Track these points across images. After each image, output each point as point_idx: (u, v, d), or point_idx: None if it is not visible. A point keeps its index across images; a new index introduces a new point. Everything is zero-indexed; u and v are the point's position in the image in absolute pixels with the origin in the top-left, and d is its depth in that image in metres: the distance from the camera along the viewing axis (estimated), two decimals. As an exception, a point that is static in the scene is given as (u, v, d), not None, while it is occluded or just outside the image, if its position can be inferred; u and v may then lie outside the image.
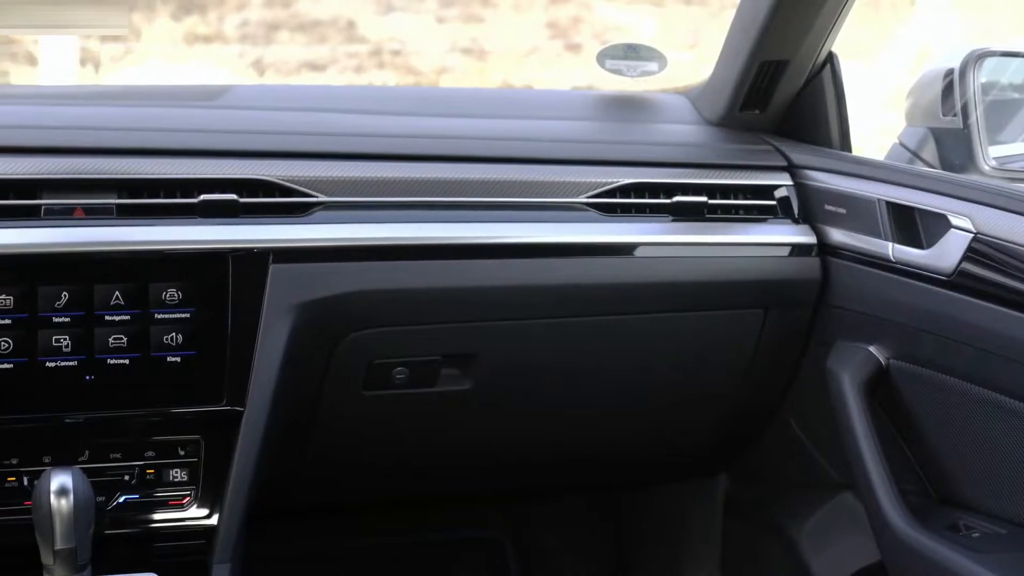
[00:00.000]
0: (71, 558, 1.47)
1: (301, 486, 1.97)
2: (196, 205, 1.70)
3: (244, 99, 2.00)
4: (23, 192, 1.67)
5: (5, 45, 9.23)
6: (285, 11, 9.56)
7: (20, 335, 1.62)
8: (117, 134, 1.78)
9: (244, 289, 1.69)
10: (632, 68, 2.09)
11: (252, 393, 1.70)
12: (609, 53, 2.10)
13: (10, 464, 1.68)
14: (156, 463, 1.73)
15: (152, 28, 9.38)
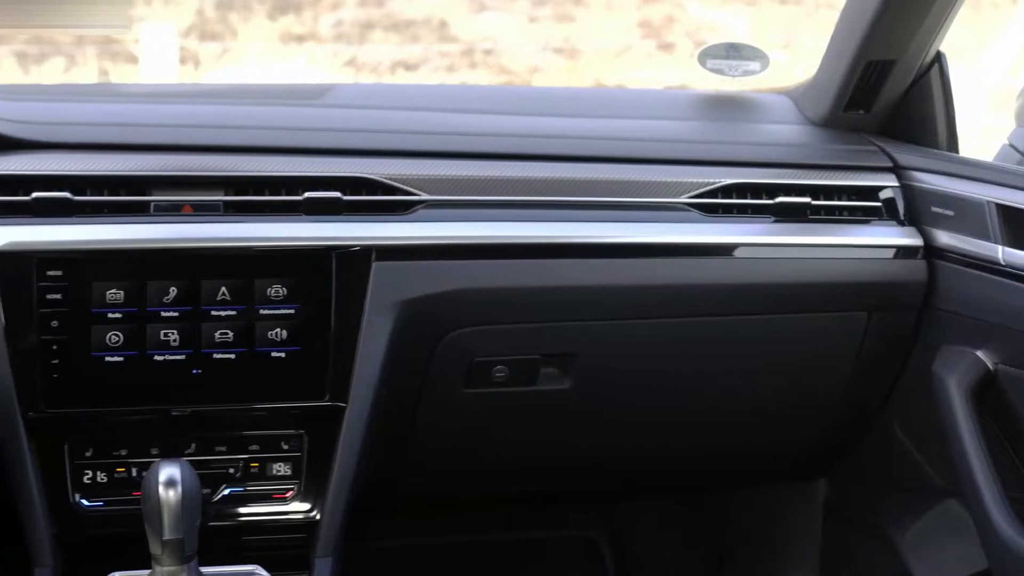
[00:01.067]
0: (179, 549, 1.50)
1: (400, 482, 1.98)
2: (301, 203, 1.72)
3: (348, 97, 2.02)
4: (133, 189, 1.70)
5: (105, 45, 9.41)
6: (379, 11, 9.62)
7: (130, 329, 1.65)
8: (224, 132, 1.81)
9: (347, 286, 1.70)
10: (734, 68, 2.08)
11: (354, 389, 1.72)
12: (710, 52, 2.08)
13: (120, 455, 1.72)
14: (260, 457, 1.75)
15: (248, 27, 9.49)
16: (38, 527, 1.68)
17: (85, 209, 1.67)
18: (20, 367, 1.63)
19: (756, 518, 2.44)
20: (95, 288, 1.64)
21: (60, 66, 9.03)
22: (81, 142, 1.74)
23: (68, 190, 1.67)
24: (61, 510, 1.70)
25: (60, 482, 1.70)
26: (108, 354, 1.65)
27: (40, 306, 1.63)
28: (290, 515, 1.76)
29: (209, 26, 9.75)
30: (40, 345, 1.64)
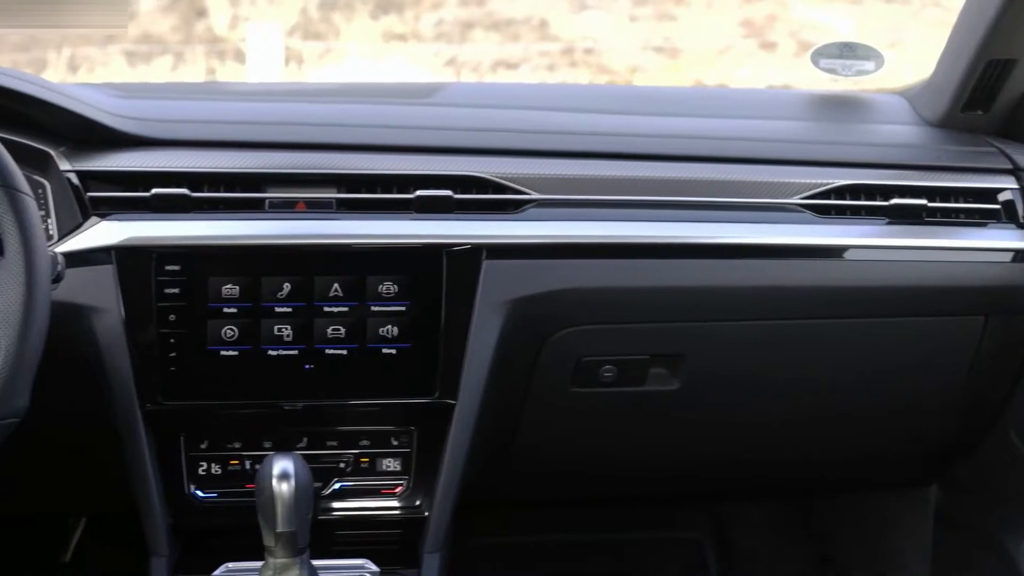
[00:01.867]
0: (291, 541, 1.51)
1: (506, 480, 1.99)
2: (412, 200, 1.73)
3: (459, 96, 2.03)
4: (249, 185, 1.73)
5: (212, 44, 9.56)
6: (480, 10, 9.66)
7: (245, 324, 1.68)
8: (337, 130, 1.82)
9: (457, 284, 1.71)
10: (847, 67, 2.05)
11: (464, 386, 1.73)
12: (824, 52, 2.05)
13: (233, 448, 1.75)
14: (370, 452, 1.77)
15: (351, 27, 9.60)
16: (155, 517, 1.71)
17: (202, 205, 1.70)
18: (139, 360, 1.67)
19: (864, 524, 2.40)
20: (211, 283, 1.67)
21: (167, 64, 9.21)
22: (198, 139, 1.77)
23: (186, 186, 1.70)
24: (177, 501, 1.74)
25: (176, 473, 1.74)
26: (223, 348, 1.68)
27: (158, 300, 1.66)
28: (399, 510, 1.77)
29: (312, 26, 9.87)
30: (158, 339, 1.67)
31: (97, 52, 9.15)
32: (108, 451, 1.71)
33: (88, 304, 1.65)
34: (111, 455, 1.71)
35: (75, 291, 1.60)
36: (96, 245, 1.65)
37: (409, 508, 1.77)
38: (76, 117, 1.70)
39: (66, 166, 1.69)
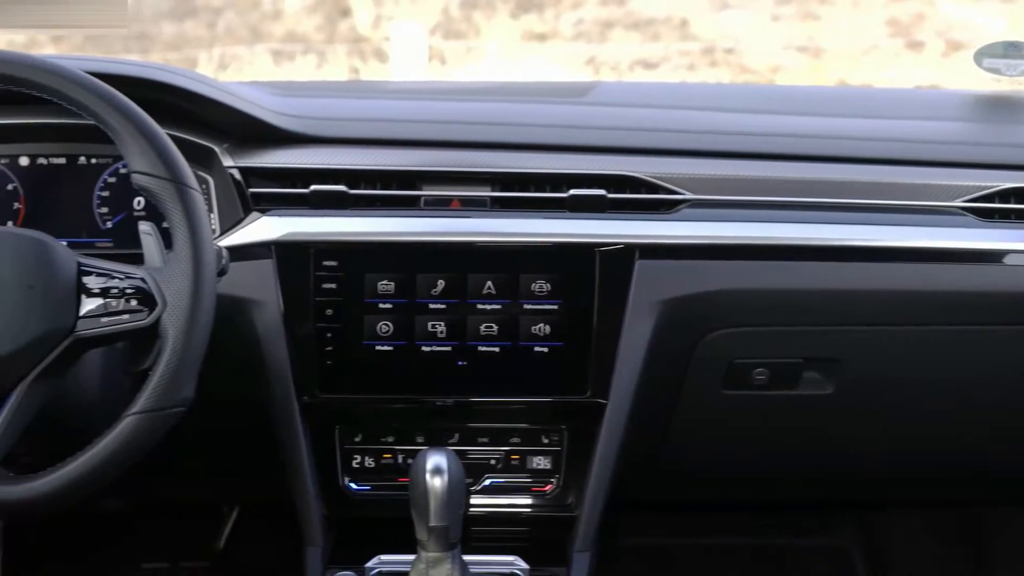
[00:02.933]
0: (444, 535, 1.52)
1: (654, 480, 1.98)
2: (566, 200, 1.73)
3: (611, 95, 2.03)
4: (405, 183, 1.75)
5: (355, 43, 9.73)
6: (619, 9, 9.65)
7: (400, 319, 1.70)
8: (491, 128, 1.84)
9: (610, 283, 1.71)
10: (1012, 67, 1.99)
11: (615, 386, 1.72)
12: (987, 51, 2.00)
13: (386, 442, 1.77)
14: (521, 449, 1.78)
15: (491, 26, 9.66)
16: (310, 508, 1.74)
17: (359, 202, 1.73)
18: (297, 353, 1.70)
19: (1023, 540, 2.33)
20: (368, 279, 1.70)
21: (312, 63, 9.39)
22: (356, 137, 1.80)
23: (344, 183, 1.73)
24: (331, 492, 1.76)
25: (331, 466, 1.77)
26: (379, 343, 1.70)
27: (316, 295, 1.69)
28: (549, 509, 1.78)
29: (453, 25, 9.97)
30: (315, 333, 1.70)
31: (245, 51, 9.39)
32: (265, 442, 1.75)
33: (249, 297, 1.69)
34: (268, 446, 1.75)
35: (237, 285, 1.64)
36: (257, 240, 1.69)
37: (559, 506, 1.77)
38: (240, 115, 1.74)
39: (229, 162, 1.73)
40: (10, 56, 1.42)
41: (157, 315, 1.39)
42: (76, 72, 1.42)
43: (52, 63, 1.42)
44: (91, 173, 1.78)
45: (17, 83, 1.41)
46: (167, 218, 1.42)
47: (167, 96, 1.69)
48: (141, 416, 1.37)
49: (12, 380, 1.38)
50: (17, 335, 1.37)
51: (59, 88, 1.41)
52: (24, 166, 1.78)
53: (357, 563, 1.71)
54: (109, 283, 1.40)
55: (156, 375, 1.38)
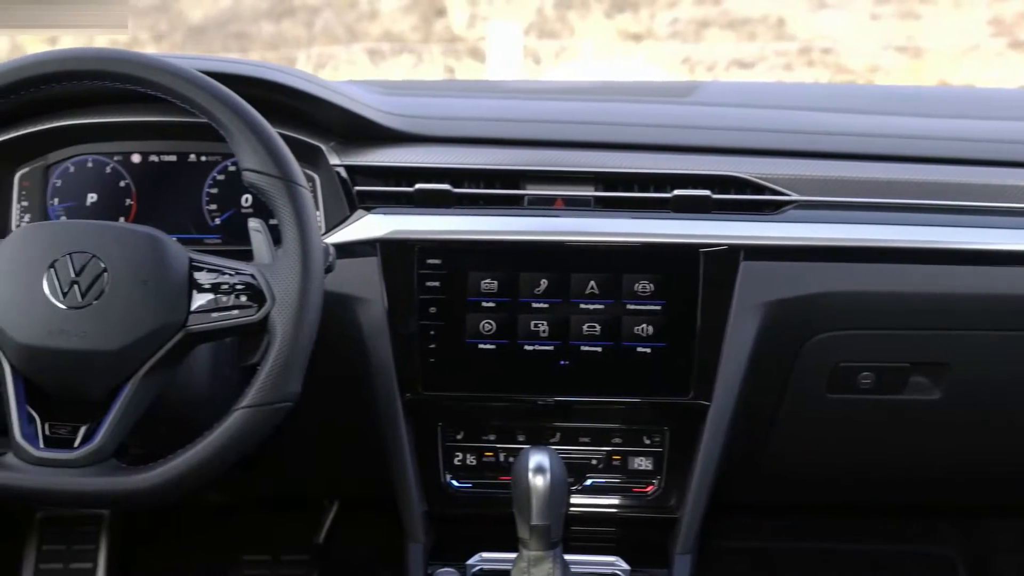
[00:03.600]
0: (545, 534, 1.52)
1: (755, 484, 1.96)
2: (669, 200, 1.72)
3: (716, 95, 2.02)
4: (508, 182, 1.75)
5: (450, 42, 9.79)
6: (715, 8, 9.59)
7: (503, 318, 1.70)
8: (595, 128, 1.83)
9: (714, 285, 1.70)
10: None
11: (718, 388, 1.71)
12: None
13: (488, 440, 1.78)
14: (622, 450, 1.78)
15: (585, 25, 9.66)
16: (412, 504, 1.76)
17: (463, 201, 1.74)
18: (400, 351, 1.71)
19: None
20: (471, 277, 1.70)
21: (408, 62, 9.46)
22: (460, 136, 1.81)
23: (448, 182, 1.73)
24: (433, 489, 1.78)
25: (433, 463, 1.78)
26: (481, 341, 1.71)
27: (420, 293, 1.70)
28: (650, 510, 1.77)
29: (548, 24, 9.98)
30: (419, 330, 1.71)
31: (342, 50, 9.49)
32: (368, 438, 1.77)
33: (354, 295, 1.70)
34: (371, 442, 1.77)
35: (342, 282, 1.65)
36: (362, 237, 1.71)
37: (660, 508, 1.77)
38: (348, 113, 1.75)
39: (335, 160, 1.74)
40: (129, 56, 1.45)
41: (266, 311, 1.40)
42: (192, 72, 1.44)
43: (169, 63, 1.44)
44: (201, 170, 1.81)
45: (134, 82, 1.44)
46: (276, 215, 1.43)
47: (277, 95, 1.71)
48: (250, 410, 1.39)
49: (126, 373, 1.41)
50: (131, 329, 1.40)
51: (174, 87, 1.43)
52: (136, 163, 1.81)
53: (458, 560, 1.72)
54: (219, 279, 1.43)
55: (264, 370, 1.39)
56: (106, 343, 1.39)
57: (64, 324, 1.40)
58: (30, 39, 9.33)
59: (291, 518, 2.43)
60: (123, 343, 1.40)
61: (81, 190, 1.81)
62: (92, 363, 1.40)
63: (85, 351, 1.39)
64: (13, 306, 1.41)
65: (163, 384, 1.45)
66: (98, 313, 1.40)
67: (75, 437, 1.42)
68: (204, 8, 10.61)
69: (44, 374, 1.42)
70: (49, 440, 1.42)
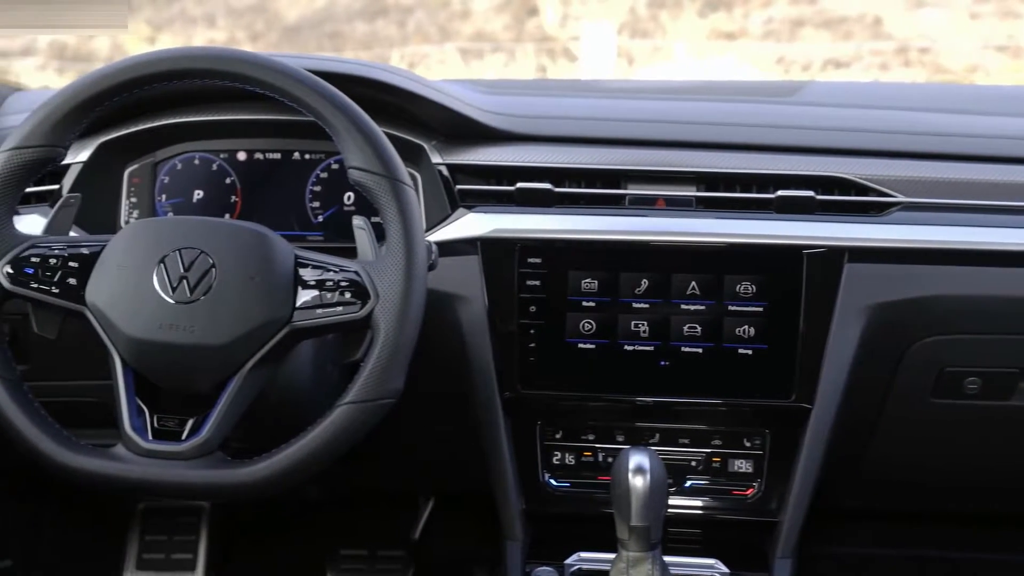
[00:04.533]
0: (645, 535, 1.52)
1: (855, 488, 1.93)
2: (772, 200, 1.71)
3: (819, 95, 2.00)
4: (609, 182, 1.75)
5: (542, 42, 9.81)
6: (810, 7, 9.50)
7: (603, 318, 1.70)
8: (697, 128, 1.82)
9: (817, 286, 1.68)
10: None
11: (821, 391, 1.69)
12: None
13: (587, 440, 1.77)
14: (722, 452, 1.76)
15: (678, 25, 9.62)
16: (510, 503, 1.76)
17: (564, 200, 1.74)
18: (500, 349, 1.72)
19: None
20: (571, 276, 1.70)
21: (500, 61, 9.49)
22: (561, 135, 1.80)
23: (549, 181, 1.73)
24: (531, 488, 1.78)
25: (531, 461, 1.78)
26: (581, 341, 1.71)
27: (520, 291, 1.71)
28: (750, 513, 1.76)
29: (641, 24, 9.96)
30: (519, 329, 1.71)
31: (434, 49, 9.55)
32: (466, 436, 1.77)
33: (455, 293, 1.71)
34: (469, 440, 1.77)
35: (443, 280, 1.66)
36: (463, 236, 1.71)
37: (760, 511, 1.75)
38: (450, 112, 1.76)
39: (437, 159, 1.75)
40: (239, 55, 1.47)
41: (370, 308, 1.41)
42: (301, 71, 1.46)
43: (279, 62, 1.46)
44: (305, 168, 1.83)
45: (244, 81, 1.46)
46: (381, 213, 1.44)
47: (382, 94, 1.72)
48: (353, 406, 1.40)
49: (232, 368, 1.42)
50: (238, 325, 1.41)
51: (283, 86, 1.45)
52: (242, 161, 1.84)
53: (556, 559, 1.72)
54: (324, 275, 1.44)
55: (368, 366, 1.40)
56: (213, 338, 1.41)
57: (173, 318, 1.42)
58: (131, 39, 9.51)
59: (387, 514, 2.45)
60: (230, 338, 1.41)
61: (188, 187, 1.84)
62: (199, 357, 1.42)
63: (192, 345, 1.42)
64: (124, 300, 1.43)
65: (267, 379, 1.47)
66: (206, 308, 1.42)
67: (182, 430, 1.44)
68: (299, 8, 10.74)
69: (153, 367, 1.44)
70: (157, 432, 1.44)
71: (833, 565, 2.25)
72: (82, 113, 1.48)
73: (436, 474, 2.07)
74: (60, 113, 1.47)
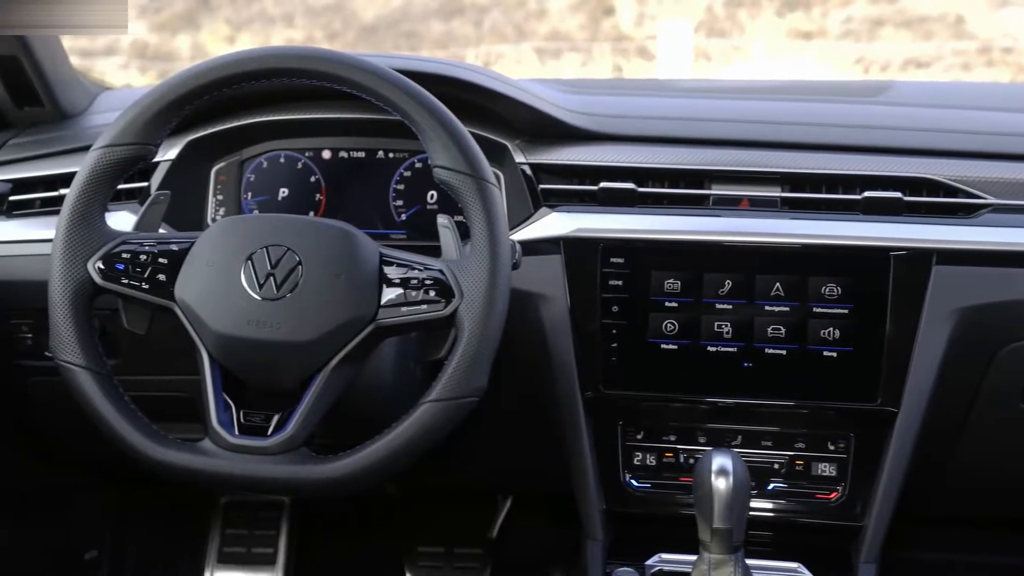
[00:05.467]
0: (727, 538, 1.50)
1: (941, 493, 1.90)
2: (859, 202, 1.69)
3: (905, 95, 1.98)
4: (693, 182, 1.74)
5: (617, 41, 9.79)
6: (891, 7, 9.39)
7: (686, 318, 1.69)
8: (782, 128, 1.81)
9: (904, 289, 1.66)
10: None
11: (907, 395, 1.67)
12: None
13: (668, 440, 1.76)
14: (805, 455, 1.74)
15: (756, 24, 9.55)
16: (591, 503, 1.75)
17: (646, 200, 1.73)
18: (582, 349, 1.71)
19: None
20: (654, 277, 1.69)
21: (576, 61, 9.49)
22: (644, 135, 1.80)
23: (632, 181, 1.73)
24: (612, 488, 1.77)
25: (612, 462, 1.77)
26: (663, 341, 1.70)
27: (602, 291, 1.70)
28: (834, 517, 1.74)
29: (718, 23, 9.90)
30: (601, 329, 1.71)
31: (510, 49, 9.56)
32: (547, 435, 1.77)
33: (537, 292, 1.71)
34: (549, 439, 1.77)
35: (526, 279, 1.65)
36: (546, 235, 1.71)
37: (844, 515, 1.73)
38: (534, 112, 1.76)
39: (520, 158, 1.76)
40: (327, 54, 1.48)
41: (454, 306, 1.41)
42: (388, 70, 1.46)
43: (366, 61, 1.46)
44: (389, 167, 1.84)
45: (331, 80, 1.47)
46: (466, 212, 1.45)
47: (468, 93, 1.73)
48: (437, 404, 1.41)
49: (317, 365, 1.44)
50: (323, 322, 1.43)
51: (371, 85, 1.45)
52: (326, 159, 1.85)
53: (637, 559, 1.71)
54: (409, 274, 1.44)
55: (452, 364, 1.41)
56: (299, 335, 1.43)
57: (259, 315, 1.43)
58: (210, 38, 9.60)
59: (464, 512, 2.45)
60: (315, 335, 1.43)
61: (273, 185, 1.86)
62: (285, 354, 1.43)
63: (278, 342, 1.43)
64: (212, 297, 1.45)
65: (351, 376, 1.48)
66: (292, 305, 1.43)
67: (268, 425, 1.45)
68: (376, 7, 10.81)
69: (239, 363, 1.46)
70: (243, 427, 1.46)
71: (917, 570, 2.22)
72: (173, 111, 1.50)
73: (515, 473, 2.07)
74: (151, 112, 1.49)
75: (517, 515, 2.43)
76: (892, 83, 2.03)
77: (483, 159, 1.46)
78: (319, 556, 2.47)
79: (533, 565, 2.37)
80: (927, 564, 2.22)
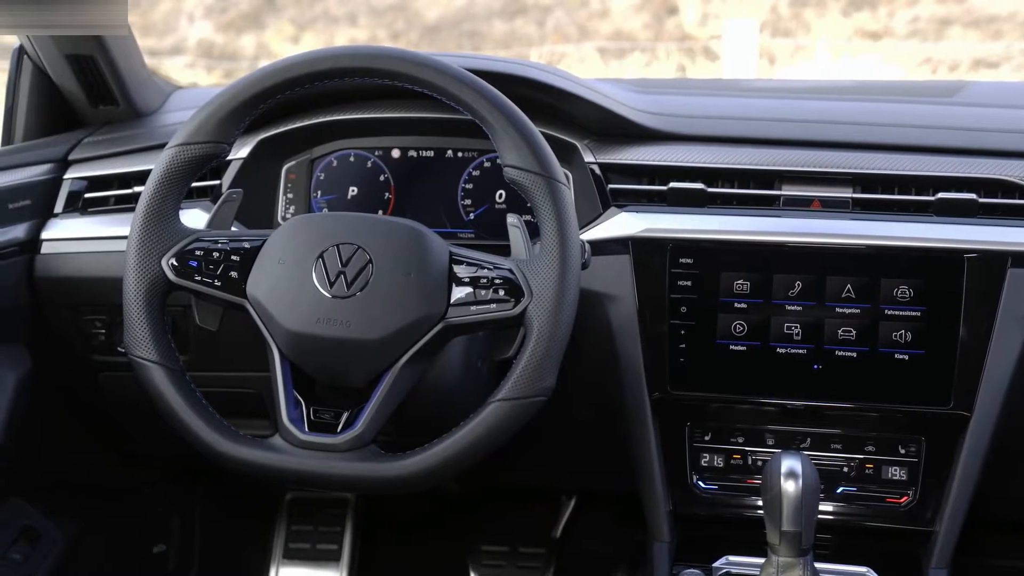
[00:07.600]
0: (796, 541, 1.49)
1: (1013, 499, 1.88)
2: (932, 203, 1.67)
3: (980, 96, 1.95)
4: (763, 182, 1.73)
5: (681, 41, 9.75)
6: (958, 6, 9.27)
7: (755, 319, 1.68)
8: (853, 128, 1.79)
9: (978, 292, 1.63)
10: None
11: (981, 399, 1.65)
12: None
13: (736, 442, 1.76)
14: (875, 459, 1.73)
15: (821, 23, 9.47)
16: (658, 504, 1.75)
17: (716, 200, 1.72)
18: (649, 349, 1.71)
19: None
20: (723, 278, 1.68)
21: (640, 61, 9.46)
22: (713, 135, 1.79)
23: (702, 181, 1.72)
24: (679, 489, 1.77)
25: (680, 463, 1.77)
26: (732, 342, 1.69)
27: (671, 292, 1.69)
28: (904, 522, 1.72)
29: (783, 23, 9.83)
30: (669, 329, 1.70)
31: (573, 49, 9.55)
32: (613, 436, 1.77)
33: (605, 292, 1.70)
34: (616, 440, 1.77)
35: (594, 279, 1.66)
36: (615, 235, 1.71)
37: (915, 520, 1.71)
38: (604, 111, 1.76)
39: (590, 158, 1.75)
40: (399, 53, 1.48)
41: (524, 305, 1.41)
42: (459, 69, 1.47)
43: (437, 60, 1.47)
44: (457, 166, 1.85)
45: (403, 79, 1.47)
46: (535, 211, 1.44)
47: (538, 93, 1.73)
48: (506, 403, 1.41)
49: (386, 363, 1.44)
50: (393, 320, 1.43)
51: (442, 84, 1.46)
52: (395, 158, 1.86)
53: (703, 561, 1.71)
54: (478, 273, 1.44)
55: (521, 364, 1.41)
56: (369, 332, 1.43)
57: (330, 313, 1.44)
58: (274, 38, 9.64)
59: (528, 511, 2.45)
60: (385, 333, 1.43)
61: (342, 183, 1.87)
62: (355, 351, 1.44)
63: (348, 339, 1.44)
64: (283, 294, 1.46)
65: (420, 374, 1.48)
66: (362, 303, 1.44)
67: (338, 423, 1.46)
68: (439, 7, 10.84)
69: (309, 360, 1.47)
70: (313, 424, 1.46)
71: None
72: (246, 110, 1.51)
73: (581, 473, 2.07)
74: (225, 110, 1.50)
75: (581, 515, 2.43)
76: (964, 83, 2.00)
77: (554, 159, 1.46)
78: (383, 553, 2.48)
79: (597, 566, 2.37)
80: (996, 570, 2.19)
